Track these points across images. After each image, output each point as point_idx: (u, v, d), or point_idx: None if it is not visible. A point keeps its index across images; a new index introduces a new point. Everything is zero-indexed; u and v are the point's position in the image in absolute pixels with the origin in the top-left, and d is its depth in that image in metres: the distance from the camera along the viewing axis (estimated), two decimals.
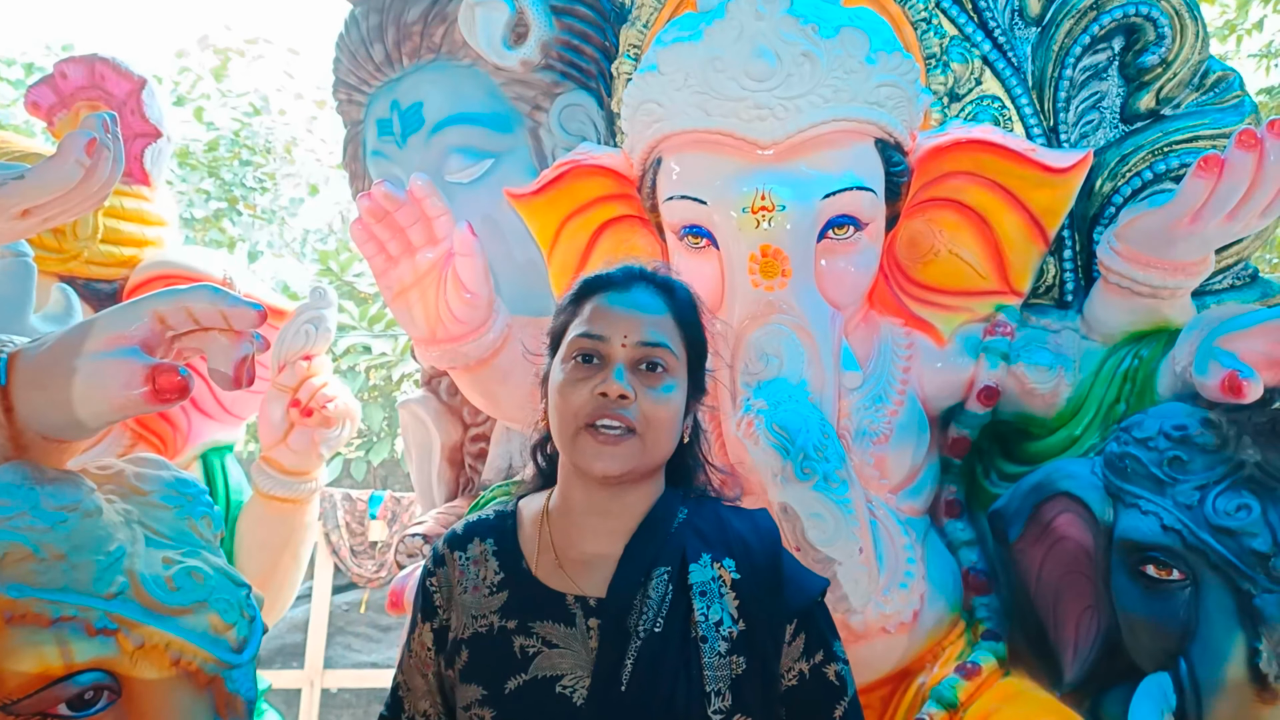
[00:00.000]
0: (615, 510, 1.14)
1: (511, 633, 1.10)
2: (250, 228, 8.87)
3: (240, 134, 8.91)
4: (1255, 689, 1.36)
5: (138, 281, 2.48)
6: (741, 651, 1.06)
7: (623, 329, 1.11)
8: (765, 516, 1.22)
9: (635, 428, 1.09)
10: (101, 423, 1.04)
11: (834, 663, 1.13)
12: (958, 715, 1.60)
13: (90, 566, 0.99)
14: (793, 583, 1.14)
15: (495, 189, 2.13)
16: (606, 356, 1.11)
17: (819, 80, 1.61)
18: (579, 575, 1.12)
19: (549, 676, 1.06)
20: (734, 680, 1.05)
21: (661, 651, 1.05)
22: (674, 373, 1.13)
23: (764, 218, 1.60)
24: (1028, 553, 1.66)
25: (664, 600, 1.08)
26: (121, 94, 2.60)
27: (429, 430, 2.40)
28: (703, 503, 1.21)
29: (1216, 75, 1.84)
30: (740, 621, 1.08)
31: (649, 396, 1.10)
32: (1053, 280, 1.92)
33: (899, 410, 1.76)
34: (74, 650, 0.95)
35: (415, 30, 2.13)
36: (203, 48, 9.56)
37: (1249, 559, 1.37)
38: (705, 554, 1.11)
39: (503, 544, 1.18)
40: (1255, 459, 1.43)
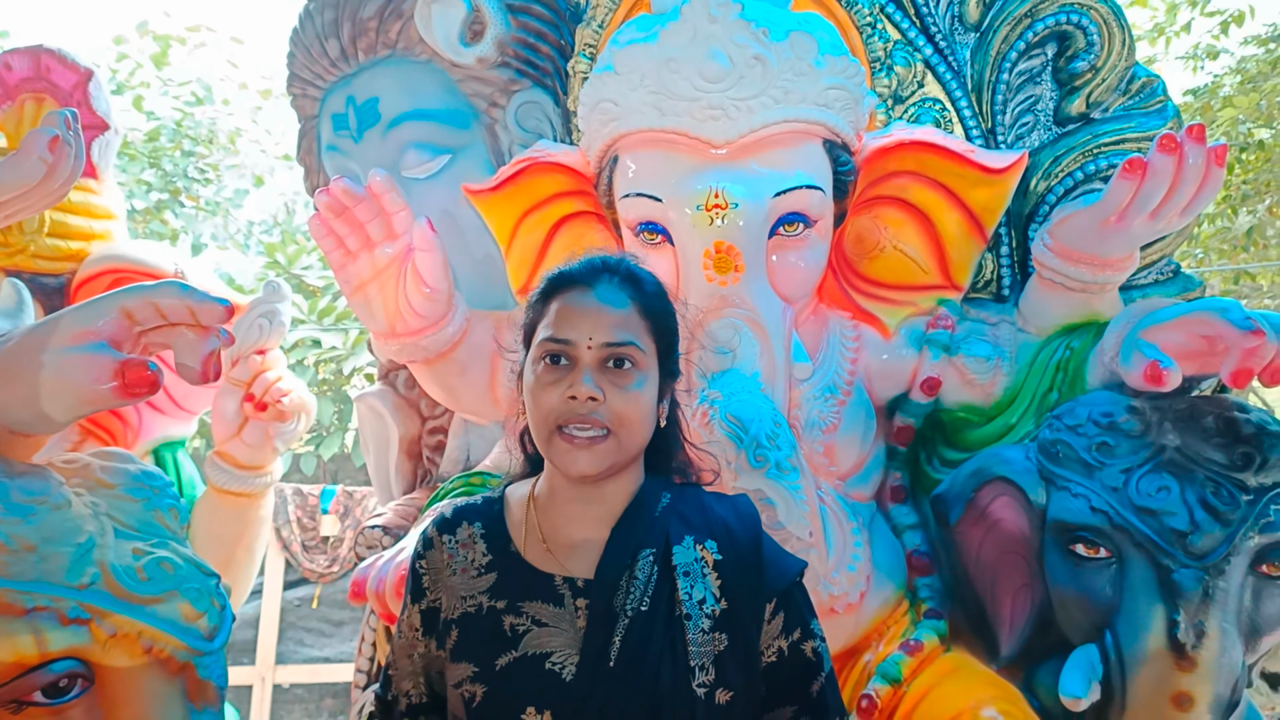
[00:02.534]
0: (598, 498, 1.17)
1: (501, 612, 1.13)
2: (193, 219, 8.69)
3: (182, 124, 8.72)
4: (1174, 657, 1.45)
5: (86, 275, 2.45)
6: (724, 629, 1.09)
7: (588, 330, 1.12)
8: (746, 501, 1.25)
9: (608, 427, 1.10)
10: (69, 417, 1.06)
11: (811, 640, 1.17)
12: (901, 690, 1.67)
13: (61, 557, 1.00)
14: (772, 564, 1.17)
15: (452, 184, 2.15)
16: (574, 358, 1.12)
17: (770, 82, 1.67)
18: (566, 558, 1.15)
19: (539, 653, 1.09)
20: (717, 656, 1.08)
21: (648, 629, 1.09)
22: (643, 367, 1.14)
23: (717, 215, 1.66)
24: (967, 535, 1.74)
25: (649, 581, 1.11)
26: (68, 86, 2.56)
27: (386, 423, 2.42)
28: (685, 489, 1.24)
29: (1142, 81, 1.94)
30: (722, 600, 1.11)
31: (619, 395, 1.11)
32: (991, 275, 2.01)
33: (847, 400, 1.83)
34: (48, 639, 0.97)
35: (371, 26, 2.14)
36: (142, 34, 9.33)
37: (1168, 537, 1.46)
38: (688, 536, 1.14)
39: (490, 528, 1.21)
40: (1175, 444, 1.52)
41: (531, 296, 1.21)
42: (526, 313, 1.22)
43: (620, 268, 1.20)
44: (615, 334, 1.12)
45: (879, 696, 1.67)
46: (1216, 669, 1.44)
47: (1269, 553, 1.47)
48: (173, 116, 8.69)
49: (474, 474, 2.06)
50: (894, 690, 1.67)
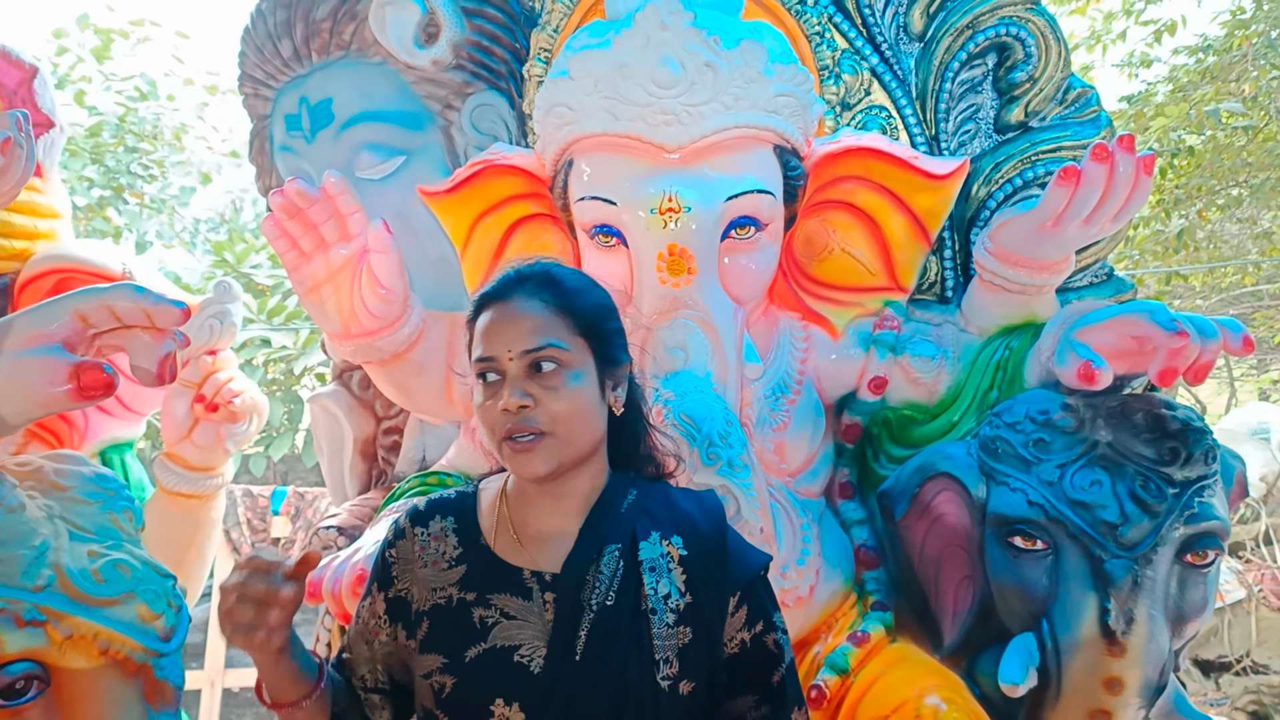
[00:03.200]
0: (564, 493, 1.19)
1: (470, 604, 1.15)
2: (137, 217, 8.50)
3: (125, 119, 8.52)
4: (1105, 643, 1.52)
5: (30, 275, 2.40)
6: (688, 622, 1.12)
7: (506, 343, 1.14)
8: (712, 496, 1.27)
9: (544, 430, 1.13)
10: (23, 420, 1.06)
11: (773, 632, 1.20)
12: (849, 679, 1.72)
13: (16, 560, 1.00)
14: (737, 558, 1.20)
15: (407, 186, 2.16)
16: (501, 372, 1.15)
17: (721, 89, 1.71)
18: (534, 552, 1.18)
19: (507, 646, 1.12)
20: (680, 649, 1.11)
21: (614, 623, 1.11)
22: (572, 364, 1.16)
23: (671, 219, 1.69)
24: (912, 529, 1.80)
25: (615, 575, 1.14)
26: (12, 83, 2.51)
27: (340, 424, 2.41)
28: (653, 485, 1.26)
29: (1077, 91, 2.02)
30: (687, 594, 1.14)
31: (550, 396, 1.13)
32: (935, 277, 2.07)
33: (797, 399, 1.88)
34: (4, 641, 0.97)
35: (324, 27, 2.14)
36: (83, 27, 9.10)
37: (1100, 528, 1.53)
38: (655, 532, 1.17)
39: (462, 521, 1.23)
40: (1107, 439, 1.59)
41: (466, 319, 1.23)
42: (467, 335, 1.23)
43: (534, 274, 1.21)
44: (532, 340, 1.14)
45: (828, 686, 1.71)
46: (1145, 654, 1.51)
47: (1193, 543, 1.55)
48: (115, 112, 8.49)
49: (430, 473, 2.07)
50: (842, 680, 1.72)
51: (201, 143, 9.94)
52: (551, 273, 1.22)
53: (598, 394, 1.19)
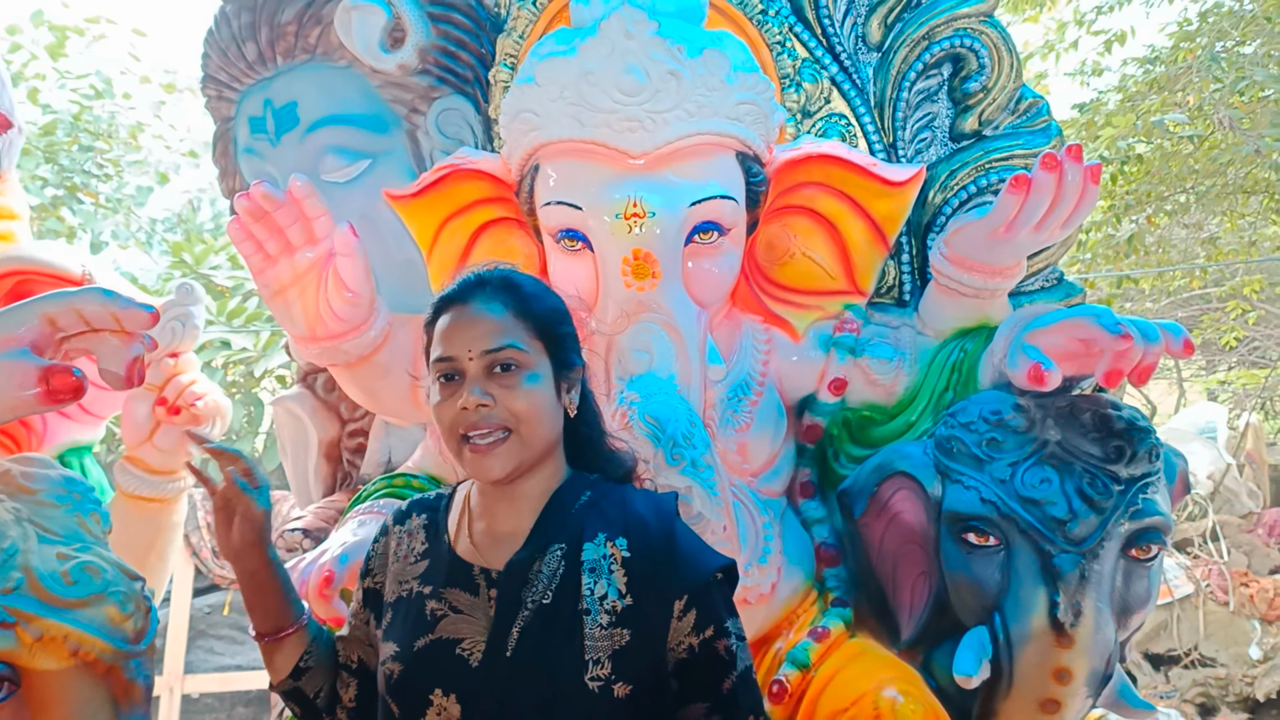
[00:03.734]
0: (519, 494, 1.22)
1: (426, 597, 1.20)
2: (92, 217, 8.35)
3: (80, 117, 8.37)
4: (1055, 635, 1.58)
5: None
6: (626, 624, 1.12)
7: (467, 344, 1.18)
8: (669, 500, 1.29)
9: (507, 427, 1.16)
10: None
11: (725, 638, 1.18)
12: (809, 674, 1.77)
13: None
14: (686, 560, 1.19)
15: (372, 189, 2.16)
16: (461, 372, 1.18)
17: (684, 96, 1.75)
18: (488, 550, 1.21)
19: (451, 639, 1.16)
20: (615, 651, 1.11)
21: (548, 622, 1.13)
22: (530, 365, 1.19)
23: (635, 224, 1.72)
24: (870, 526, 1.85)
25: (555, 575, 1.16)
26: None
27: (305, 426, 2.41)
28: (612, 487, 1.28)
29: (1028, 101, 2.08)
30: (628, 596, 1.14)
31: (510, 395, 1.17)
32: (893, 281, 2.12)
33: (759, 400, 1.92)
34: None
35: (289, 30, 2.14)
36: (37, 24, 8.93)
37: (1050, 524, 1.59)
38: (601, 533, 1.19)
39: (432, 520, 1.29)
40: (1056, 438, 1.65)
41: (424, 322, 1.27)
42: (424, 338, 1.27)
43: (493, 278, 1.25)
44: (493, 340, 1.18)
45: (789, 681, 1.76)
46: (1092, 645, 1.57)
47: (1138, 537, 1.61)
48: (70, 110, 8.33)
49: (396, 475, 2.08)
50: (803, 675, 1.76)
51: (159, 142, 9.78)
52: (510, 277, 1.26)
53: (554, 395, 1.23)
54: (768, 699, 1.77)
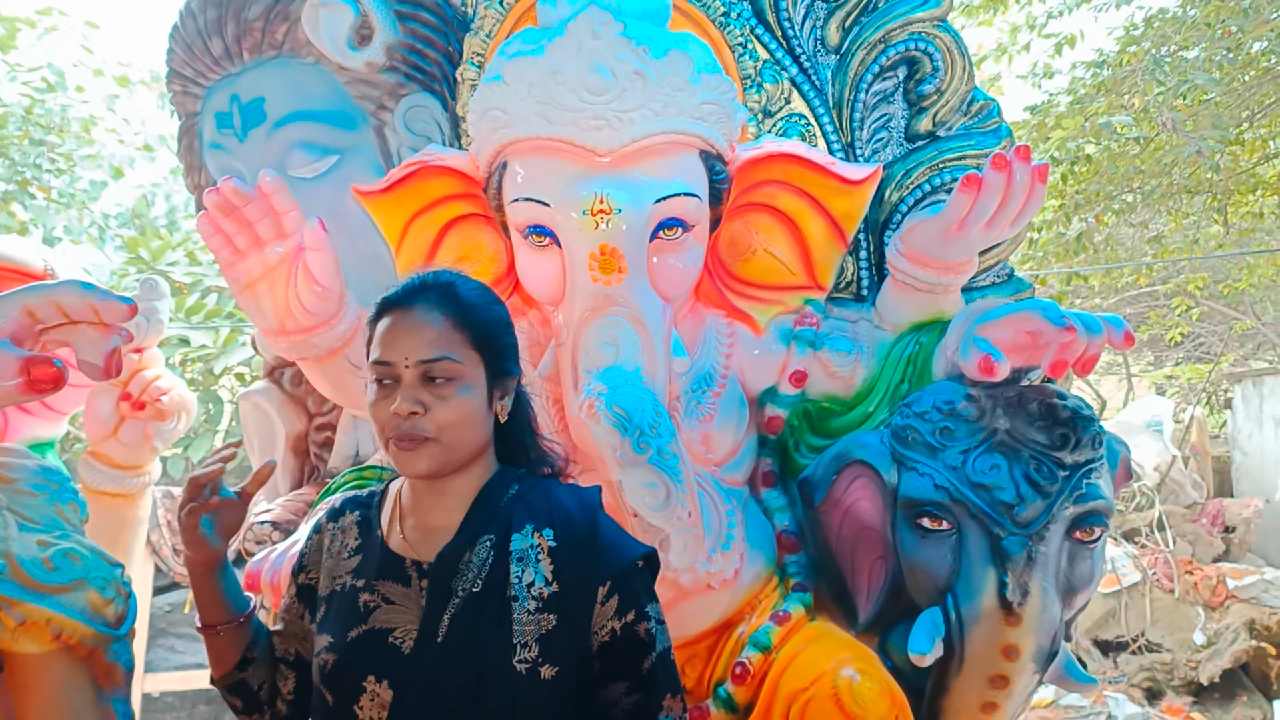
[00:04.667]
0: (448, 490, 1.27)
1: (359, 590, 1.25)
2: (45, 212, 8.19)
3: (32, 111, 8.20)
4: (1003, 614, 1.65)
5: None
6: (553, 610, 1.19)
7: (404, 351, 1.21)
8: (592, 493, 1.35)
9: (430, 436, 1.21)
10: None
11: (645, 621, 1.24)
12: (771, 656, 1.82)
13: None
14: (609, 549, 1.26)
15: (340, 184, 2.18)
16: (396, 377, 1.22)
17: (650, 96, 1.79)
18: (419, 543, 1.26)
19: (384, 628, 1.21)
20: (542, 635, 1.17)
21: (478, 609, 1.19)
22: (463, 376, 1.23)
23: (602, 220, 1.77)
24: (830, 514, 1.91)
25: (484, 564, 1.22)
26: None
27: (272, 420, 2.42)
28: (539, 481, 1.34)
29: (980, 104, 2.15)
30: (554, 583, 1.20)
31: (440, 405, 1.21)
32: (851, 277, 2.19)
33: (722, 392, 1.97)
34: None
35: (256, 27, 2.15)
36: None
37: (998, 509, 1.66)
38: (529, 524, 1.25)
39: (365, 516, 1.34)
40: (1005, 427, 1.73)
41: (366, 318, 1.31)
42: (365, 334, 1.30)
43: (438, 284, 1.28)
44: (429, 351, 1.22)
45: (751, 663, 1.81)
46: (1039, 623, 1.65)
47: (1081, 520, 1.69)
48: (21, 104, 8.16)
49: (366, 468, 2.11)
50: (765, 657, 1.82)
51: (112, 136, 9.61)
52: (454, 285, 1.29)
53: (485, 404, 1.27)
54: (731, 681, 1.83)
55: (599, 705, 1.23)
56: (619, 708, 1.23)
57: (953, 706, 1.73)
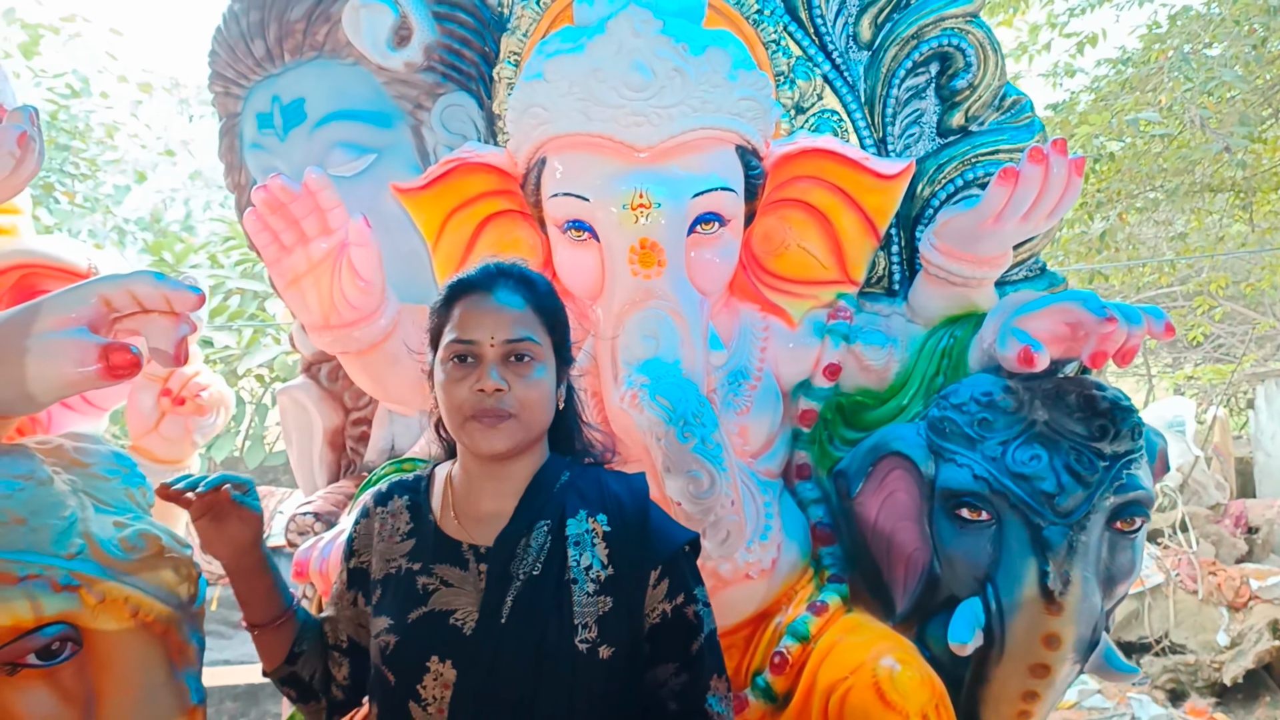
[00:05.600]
0: (505, 475, 1.31)
1: (416, 573, 1.27)
2: (69, 216, 8.29)
3: (56, 116, 8.31)
4: (1044, 603, 1.67)
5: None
6: (608, 592, 1.22)
7: (490, 330, 1.25)
8: (640, 480, 1.39)
9: (513, 413, 1.25)
10: (53, 398, 1.11)
11: (693, 604, 1.29)
12: (809, 646, 1.84)
13: (48, 529, 1.06)
14: (659, 534, 1.30)
15: (377, 182, 2.22)
16: (479, 356, 1.25)
17: (688, 92, 1.82)
18: (473, 528, 1.29)
19: (444, 610, 1.23)
20: (600, 617, 1.21)
21: (537, 592, 1.22)
22: (540, 358, 1.28)
23: (642, 214, 1.79)
24: (866, 505, 1.93)
25: (543, 548, 1.25)
26: None
27: (310, 415, 2.46)
28: (587, 468, 1.38)
29: (1013, 98, 2.17)
30: (609, 567, 1.24)
31: (521, 384, 1.25)
32: (883, 271, 2.21)
33: (758, 385, 1.99)
34: (42, 604, 1.03)
35: (298, 28, 2.18)
36: (9, 22, 8.85)
37: (1039, 498, 1.68)
38: (582, 510, 1.28)
39: (415, 500, 1.36)
40: (1044, 418, 1.74)
41: (435, 303, 1.34)
42: (431, 318, 1.34)
43: (514, 272, 1.34)
44: (514, 331, 1.27)
45: (789, 653, 1.83)
46: (1079, 612, 1.66)
47: (1122, 511, 1.70)
48: (46, 109, 8.27)
49: (405, 460, 2.14)
50: (803, 647, 1.84)
51: (135, 141, 9.72)
52: (527, 274, 1.35)
53: (554, 387, 1.32)
54: (769, 670, 1.85)
55: (648, 685, 1.26)
56: (667, 687, 1.26)
57: (993, 695, 1.74)
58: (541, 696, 1.19)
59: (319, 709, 1.40)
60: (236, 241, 7.42)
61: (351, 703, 1.41)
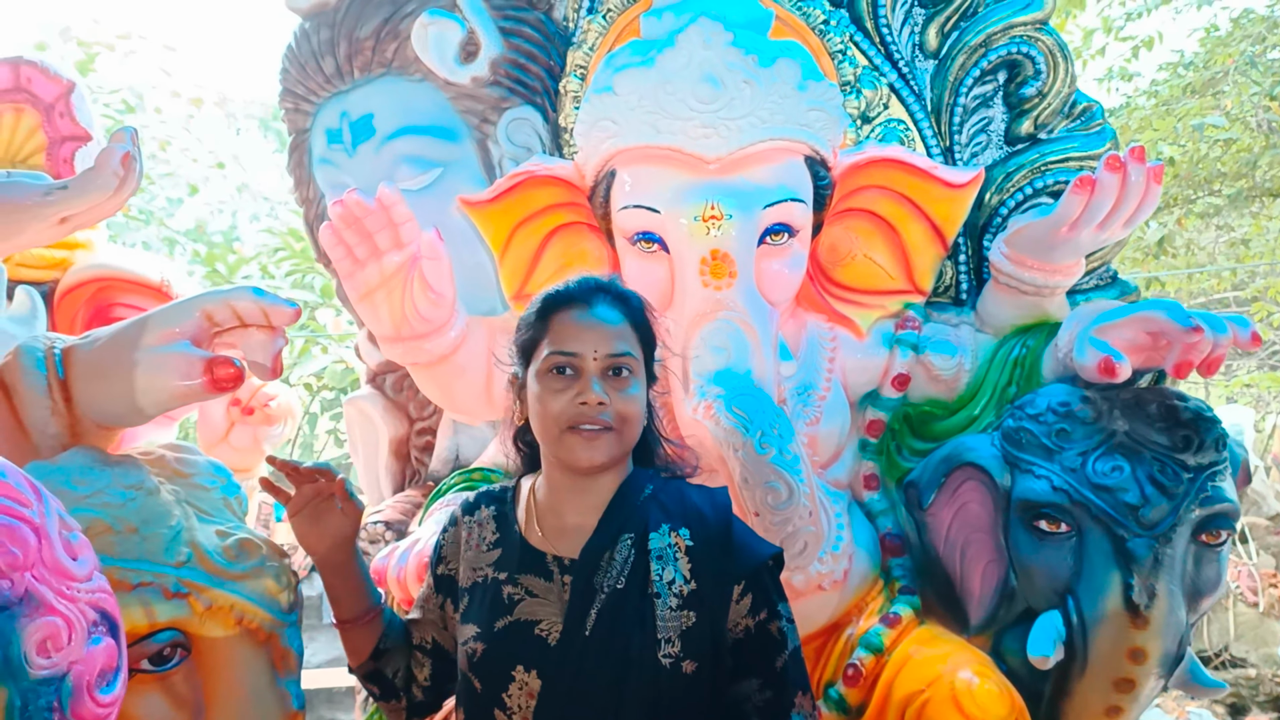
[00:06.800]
0: (591, 488, 1.31)
1: (502, 583, 1.28)
2: (124, 229, 8.50)
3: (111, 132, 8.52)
4: (1129, 617, 1.64)
5: (72, 284, 2.46)
6: (692, 607, 1.22)
7: (592, 344, 1.26)
8: (723, 493, 1.38)
9: (613, 426, 1.25)
10: (159, 410, 1.14)
11: (777, 620, 1.27)
12: (883, 658, 1.83)
13: (158, 538, 1.09)
14: (742, 548, 1.29)
15: (444, 196, 2.25)
16: (580, 369, 1.26)
17: (758, 103, 1.82)
18: (558, 540, 1.30)
19: (529, 620, 1.24)
20: (684, 631, 1.20)
21: (621, 605, 1.22)
22: (637, 373, 1.29)
23: (714, 225, 1.80)
24: (938, 516, 1.91)
25: (626, 562, 1.25)
26: (50, 97, 2.58)
27: (376, 425, 2.49)
28: (669, 481, 1.38)
29: (1083, 106, 2.15)
30: (692, 581, 1.23)
31: (620, 398, 1.26)
32: (950, 281, 2.19)
33: (827, 395, 1.99)
34: (156, 611, 1.05)
35: (367, 45, 2.22)
36: (65, 40, 9.10)
37: (1122, 510, 1.65)
38: (665, 524, 1.28)
39: (501, 511, 1.37)
40: (1125, 428, 1.72)
41: (528, 315, 1.35)
42: (523, 329, 1.34)
43: (611, 288, 1.35)
44: (616, 345, 1.27)
45: (863, 665, 1.82)
46: (1165, 626, 1.63)
47: (1208, 523, 1.67)
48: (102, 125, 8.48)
49: (473, 470, 2.16)
50: (877, 659, 1.83)
51: (186, 155, 9.94)
52: (622, 290, 1.37)
53: (646, 402, 1.33)
54: (843, 682, 1.84)
55: (732, 700, 1.26)
56: (752, 703, 1.25)
57: (1075, 709, 1.72)
58: (625, 709, 1.19)
59: (399, 708, 1.42)
60: (287, 252, 7.55)
61: (430, 705, 1.42)
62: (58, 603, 0.67)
